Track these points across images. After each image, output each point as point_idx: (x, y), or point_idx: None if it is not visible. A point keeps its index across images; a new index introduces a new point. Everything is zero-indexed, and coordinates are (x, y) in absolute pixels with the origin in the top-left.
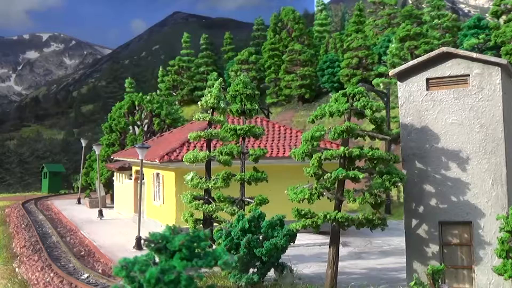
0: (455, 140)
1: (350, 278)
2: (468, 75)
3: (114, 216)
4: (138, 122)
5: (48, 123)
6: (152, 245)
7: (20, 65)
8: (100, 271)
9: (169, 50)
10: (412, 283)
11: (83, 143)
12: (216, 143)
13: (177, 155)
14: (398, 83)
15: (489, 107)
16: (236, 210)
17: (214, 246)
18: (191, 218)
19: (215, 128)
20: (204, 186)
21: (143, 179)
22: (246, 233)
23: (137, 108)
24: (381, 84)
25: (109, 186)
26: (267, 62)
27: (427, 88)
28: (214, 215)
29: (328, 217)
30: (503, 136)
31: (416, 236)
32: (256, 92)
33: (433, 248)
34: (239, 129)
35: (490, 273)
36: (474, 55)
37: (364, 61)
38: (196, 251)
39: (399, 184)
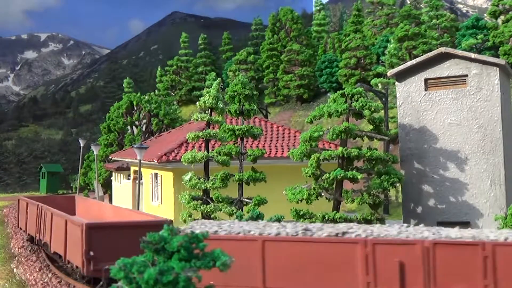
0: (454, 140)
1: None
2: (467, 75)
3: None
4: (137, 122)
5: (46, 123)
6: (150, 245)
7: (18, 65)
8: None
9: (168, 50)
10: None
11: (81, 143)
12: (214, 144)
13: (175, 156)
14: (397, 83)
15: (488, 107)
16: (235, 211)
17: None
18: (189, 218)
19: (213, 128)
20: (203, 186)
21: (141, 179)
22: None
23: (135, 108)
24: (379, 84)
25: (107, 186)
26: (266, 62)
27: (426, 89)
28: (212, 216)
29: (326, 218)
30: (502, 136)
31: None
32: (255, 92)
33: None
34: (237, 130)
35: None
36: (473, 55)
37: (362, 61)
38: (195, 252)
39: (398, 184)
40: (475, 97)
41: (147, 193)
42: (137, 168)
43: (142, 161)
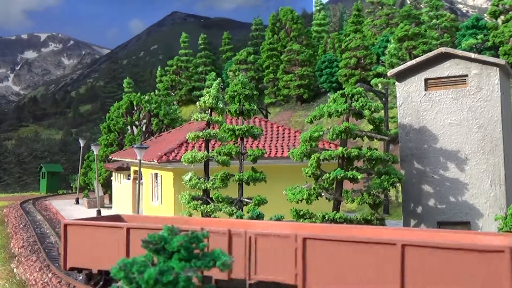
0: (454, 140)
1: None
2: (467, 75)
3: None
4: (137, 122)
5: (46, 123)
6: (151, 246)
7: (18, 65)
8: None
9: (168, 50)
10: None
11: (81, 143)
12: (214, 144)
13: (176, 155)
14: (397, 83)
15: (488, 107)
16: (235, 211)
17: None
18: None
19: (213, 128)
20: (203, 186)
21: (141, 179)
22: None
23: (135, 108)
24: (379, 84)
25: (107, 186)
26: (266, 62)
27: (426, 89)
28: (212, 216)
29: (326, 218)
30: (502, 136)
31: None
32: (255, 92)
33: None
34: (237, 130)
35: None
36: (473, 55)
37: (362, 61)
38: (195, 252)
39: (398, 184)
40: (475, 97)
41: (147, 193)
42: (137, 168)
43: (142, 161)
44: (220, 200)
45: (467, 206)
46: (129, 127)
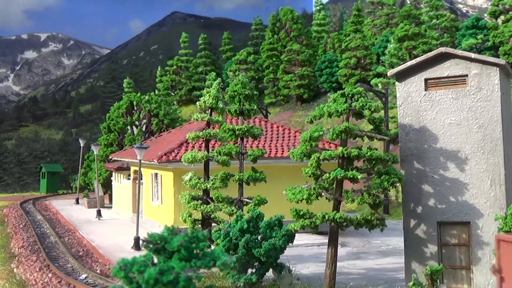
0: (454, 140)
1: (349, 279)
2: (467, 75)
3: (112, 216)
4: (137, 122)
5: (46, 123)
6: (151, 245)
7: (18, 65)
8: (98, 271)
9: (168, 50)
10: (411, 283)
11: (81, 143)
12: (214, 144)
13: (176, 155)
14: (397, 83)
15: (488, 107)
16: (235, 211)
17: (212, 247)
18: (189, 218)
19: (213, 128)
20: (203, 186)
21: (141, 179)
22: (244, 233)
23: (135, 108)
24: (379, 84)
25: (107, 186)
26: (266, 62)
27: (426, 89)
28: (212, 216)
29: (326, 218)
30: (502, 136)
31: (414, 237)
32: (255, 92)
33: (432, 248)
34: (237, 130)
35: (488, 274)
36: (473, 55)
37: (362, 61)
38: (195, 251)
39: (398, 184)
40: (475, 97)
41: (147, 193)
42: (137, 168)
43: (142, 161)
44: (220, 200)
45: (467, 206)
46: (129, 127)
